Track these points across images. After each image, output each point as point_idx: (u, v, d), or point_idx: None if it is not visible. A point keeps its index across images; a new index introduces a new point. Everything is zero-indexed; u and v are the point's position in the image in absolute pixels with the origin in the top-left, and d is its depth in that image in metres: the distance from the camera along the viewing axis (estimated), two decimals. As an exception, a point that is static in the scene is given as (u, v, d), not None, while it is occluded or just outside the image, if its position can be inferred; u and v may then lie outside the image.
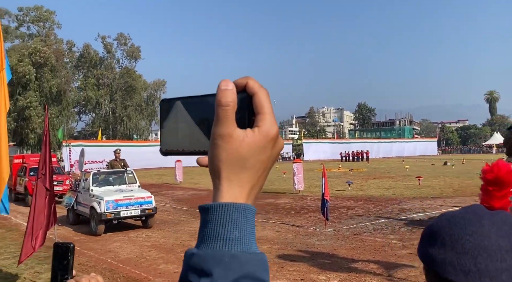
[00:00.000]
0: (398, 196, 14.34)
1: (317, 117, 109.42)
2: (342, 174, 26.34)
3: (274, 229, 9.25)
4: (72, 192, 11.00)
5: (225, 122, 0.46)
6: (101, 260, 7.03)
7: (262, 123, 0.47)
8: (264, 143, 0.47)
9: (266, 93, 0.48)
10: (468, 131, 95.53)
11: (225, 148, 0.46)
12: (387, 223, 9.60)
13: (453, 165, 31.49)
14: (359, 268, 6.19)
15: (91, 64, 56.82)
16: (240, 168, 0.46)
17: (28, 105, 44.39)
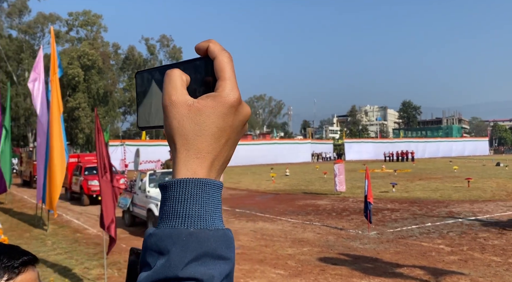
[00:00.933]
0: (445, 198, 13.73)
1: (360, 116, 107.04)
2: (386, 174, 25.60)
3: (315, 231, 9.17)
4: (127, 192, 10.73)
5: (171, 88, 0.44)
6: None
7: (220, 89, 0.44)
8: (222, 109, 0.44)
9: (227, 57, 0.45)
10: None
11: (175, 114, 0.43)
12: (434, 226, 9.23)
13: (506, 166, 29.66)
14: (404, 274, 6.00)
15: (135, 66, 59.08)
16: (195, 136, 0.43)
17: (77, 106, 46.92)
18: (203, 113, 0.43)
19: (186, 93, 0.44)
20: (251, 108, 0.47)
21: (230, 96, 0.44)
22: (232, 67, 0.45)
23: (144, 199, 9.44)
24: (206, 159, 0.43)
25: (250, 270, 6.44)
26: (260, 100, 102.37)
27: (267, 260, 6.96)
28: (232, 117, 0.44)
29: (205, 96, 0.44)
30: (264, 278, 6.05)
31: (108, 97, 51.66)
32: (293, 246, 7.85)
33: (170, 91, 0.44)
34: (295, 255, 7.21)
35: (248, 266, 6.64)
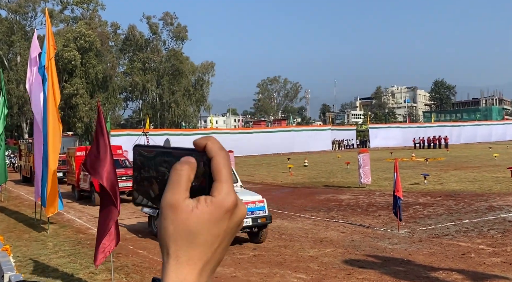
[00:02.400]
0: (485, 190, 13.54)
1: (386, 98, 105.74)
2: (416, 164, 25.34)
3: (339, 230, 9.17)
4: None
5: (176, 189, 0.47)
6: (155, 260, 7.43)
7: (216, 193, 0.47)
8: (218, 215, 0.47)
9: (225, 157, 0.48)
10: None
11: (173, 219, 0.46)
12: (473, 224, 9.13)
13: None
14: (440, 278, 5.97)
15: (136, 47, 59.31)
16: (189, 243, 0.46)
17: (75, 93, 47.49)
18: (200, 221, 0.46)
19: (188, 197, 0.47)
20: (264, 92, 0.48)
21: (226, 200, 0.47)
22: (229, 168, 0.48)
23: None
24: (197, 265, 0.46)
25: (268, 274, 6.49)
26: (274, 82, 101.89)
27: (287, 263, 7.00)
28: (227, 221, 0.47)
29: (202, 200, 0.47)
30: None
31: (108, 83, 52.14)
32: (315, 247, 7.87)
33: (173, 193, 0.47)
34: (317, 257, 7.24)
35: (267, 269, 6.70)
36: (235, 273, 6.64)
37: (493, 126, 62.36)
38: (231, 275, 6.53)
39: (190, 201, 0.47)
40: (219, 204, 0.47)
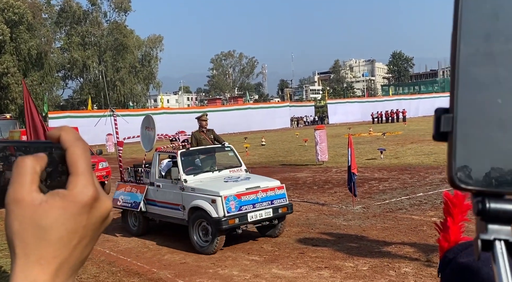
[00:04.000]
0: (440, 163, 14.26)
1: (344, 72, 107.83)
2: (374, 139, 26.23)
3: (294, 209, 9.37)
4: (131, 184, 8.51)
5: (18, 182, 0.44)
6: (99, 251, 7.32)
7: (71, 187, 0.45)
8: (73, 210, 0.44)
9: (81, 148, 0.46)
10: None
11: (17, 214, 0.44)
12: (426, 197, 9.63)
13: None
14: (392, 253, 6.29)
15: (74, 20, 56.63)
16: (39, 240, 0.43)
17: (5, 71, 44.93)
18: (50, 216, 0.43)
19: (35, 190, 0.44)
20: (219, 68, 0.45)
21: (82, 194, 0.45)
22: (86, 159, 0.46)
23: (178, 193, 7.37)
24: (51, 264, 0.43)
25: (220, 258, 6.58)
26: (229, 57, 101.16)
27: (240, 246, 7.12)
28: (86, 216, 0.45)
29: (55, 193, 0.45)
30: (236, 266, 6.21)
31: (43, 60, 49.63)
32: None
33: (15, 187, 0.44)
34: (271, 238, 7.39)
35: (219, 253, 6.78)
36: (185, 259, 6.68)
37: (450, 99, 65.10)
38: (180, 262, 6.57)
39: (39, 194, 0.44)
40: (74, 198, 0.44)
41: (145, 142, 8.83)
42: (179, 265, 6.44)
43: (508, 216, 0.49)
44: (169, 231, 8.27)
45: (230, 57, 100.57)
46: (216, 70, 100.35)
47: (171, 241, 7.69)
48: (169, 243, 7.59)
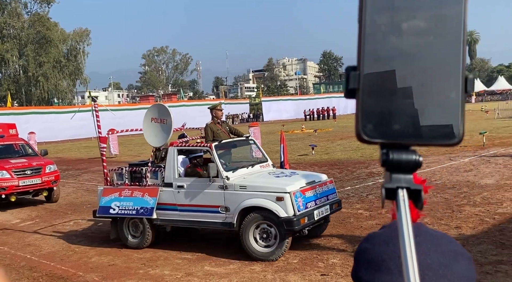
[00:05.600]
0: (367, 158, 14.97)
1: (277, 71, 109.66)
2: (306, 135, 26.97)
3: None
4: (124, 188, 7.15)
5: None
6: (18, 256, 6.90)
7: None
8: None
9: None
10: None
11: None
12: (354, 190, 10.07)
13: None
14: (321, 245, 6.51)
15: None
16: None
17: None
18: None
19: None
20: (151, 64, 0.44)
21: None
22: None
23: (214, 193, 6.36)
24: None
25: (151, 258, 6.46)
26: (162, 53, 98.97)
27: (174, 244, 7.02)
28: None
29: None
30: (167, 266, 6.13)
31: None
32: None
33: None
34: (206, 235, 7.38)
35: (149, 253, 6.65)
36: (113, 261, 6.48)
37: (377, 97, 68.51)
38: (109, 264, 6.36)
39: None
40: None
41: (152, 136, 7.39)
42: (107, 267, 6.23)
43: (410, 166, 0.54)
44: (98, 232, 7.96)
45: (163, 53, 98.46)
46: (148, 67, 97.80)
47: (99, 242, 7.42)
48: (97, 245, 7.31)
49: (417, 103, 0.52)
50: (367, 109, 0.53)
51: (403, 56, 0.52)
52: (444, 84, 0.53)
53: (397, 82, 0.52)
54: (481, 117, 30.88)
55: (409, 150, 0.54)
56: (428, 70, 0.52)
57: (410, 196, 0.55)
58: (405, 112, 0.52)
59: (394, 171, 0.55)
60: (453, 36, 0.52)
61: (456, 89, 0.53)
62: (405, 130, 0.52)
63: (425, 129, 0.52)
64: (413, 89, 0.52)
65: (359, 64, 0.53)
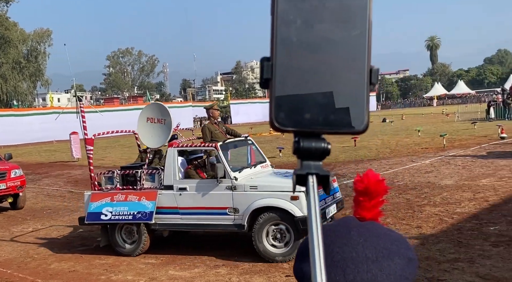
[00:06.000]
0: (332, 160, 15.18)
1: (246, 74, 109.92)
2: (274, 138, 27.13)
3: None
4: (116, 192, 6.74)
5: None
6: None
7: None
8: None
9: None
10: (409, 83, 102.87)
11: None
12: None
13: (391, 122, 33.97)
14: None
15: None
16: None
17: None
18: None
19: None
20: (116, 65, 0.45)
21: None
22: None
23: (222, 194, 6.16)
24: None
25: (114, 264, 6.34)
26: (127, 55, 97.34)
27: (136, 249, 6.91)
28: None
29: None
30: (131, 271, 6.03)
31: None
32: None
33: None
34: (171, 238, 7.30)
35: (112, 259, 6.52)
36: (74, 267, 6.32)
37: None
38: (69, 270, 6.20)
39: None
40: None
41: (148, 137, 7.12)
42: (67, 273, 6.07)
43: (319, 153, 0.56)
44: (58, 237, 7.74)
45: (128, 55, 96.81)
46: (113, 68, 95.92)
47: (59, 249, 7.22)
48: (57, 251, 7.11)
49: (327, 93, 0.55)
50: (280, 98, 0.55)
51: (313, 47, 0.54)
52: (350, 75, 0.55)
53: (308, 72, 0.55)
54: (442, 120, 31.96)
55: (319, 138, 0.57)
56: (336, 60, 0.55)
57: (319, 181, 0.58)
58: (315, 102, 0.55)
59: (305, 158, 0.57)
60: (359, 28, 0.55)
61: (361, 80, 0.55)
62: (315, 119, 0.55)
63: (334, 118, 0.55)
64: (324, 79, 0.55)
65: (272, 55, 0.55)
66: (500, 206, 7.41)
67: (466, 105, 46.62)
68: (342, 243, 0.73)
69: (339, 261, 0.72)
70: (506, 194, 8.15)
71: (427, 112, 46.43)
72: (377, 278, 0.71)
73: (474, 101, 58.30)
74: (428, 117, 37.07)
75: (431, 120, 32.51)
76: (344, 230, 0.76)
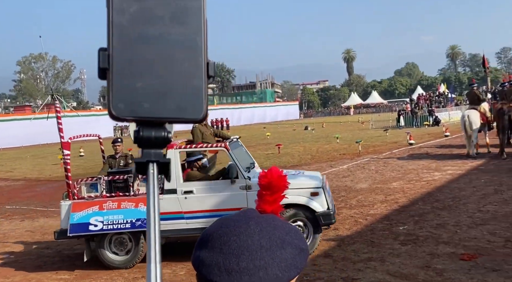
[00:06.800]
0: (256, 167, 15.40)
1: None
2: (198, 146, 26.93)
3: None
4: (105, 200, 6.14)
5: None
6: None
7: None
8: None
9: None
10: (328, 93, 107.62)
11: None
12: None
13: (313, 129, 35.28)
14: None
15: None
16: None
17: None
18: None
19: None
20: (28, 71, 0.46)
21: None
22: None
23: (235, 195, 5.97)
24: None
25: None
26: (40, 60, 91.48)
27: (47, 265, 6.50)
28: None
29: None
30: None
31: None
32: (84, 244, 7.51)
33: None
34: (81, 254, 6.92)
35: (18, 277, 6.05)
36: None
37: (267, 108, 71.56)
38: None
39: None
40: None
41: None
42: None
43: (159, 141, 0.58)
44: None
45: (41, 60, 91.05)
46: (24, 74, 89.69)
47: None
48: None
49: (166, 84, 0.57)
50: (118, 88, 0.56)
51: (150, 39, 0.56)
52: (189, 68, 0.58)
53: (146, 63, 0.56)
54: (358, 127, 33.77)
55: (159, 127, 0.58)
56: (174, 53, 0.57)
57: (160, 169, 0.59)
58: (154, 92, 0.56)
59: (145, 146, 0.58)
60: (195, 25, 0.58)
61: (199, 72, 0.58)
62: (155, 108, 0.56)
63: (174, 107, 0.57)
64: (162, 70, 0.57)
65: (109, 45, 0.56)
66: (409, 207, 7.98)
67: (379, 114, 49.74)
68: (240, 232, 0.77)
69: (235, 249, 0.75)
70: (414, 196, 8.79)
71: (345, 120, 48.84)
72: (269, 266, 0.75)
73: (387, 110, 62.36)
74: (346, 125, 39.00)
75: (349, 128, 34.25)
76: (243, 220, 0.79)
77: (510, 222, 6.49)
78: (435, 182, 10.05)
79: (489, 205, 7.59)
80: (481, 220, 6.74)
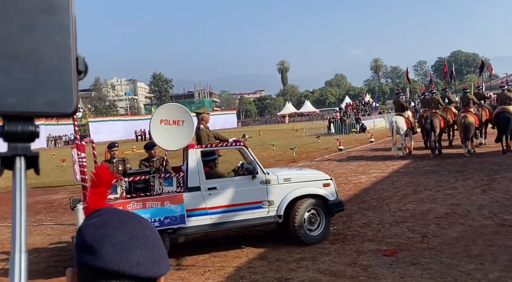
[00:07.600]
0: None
1: (106, 91, 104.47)
2: (137, 155, 26.17)
3: (45, 233, 8.52)
4: (130, 200, 5.95)
5: None
6: None
7: None
8: None
9: None
10: (265, 102, 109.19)
11: None
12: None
13: (250, 137, 35.54)
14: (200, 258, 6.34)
15: None
16: None
17: None
18: None
19: None
20: None
21: None
22: None
23: (256, 189, 6.26)
24: None
25: None
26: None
27: None
28: None
29: None
30: None
31: None
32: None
33: None
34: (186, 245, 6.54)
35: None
36: None
37: (206, 117, 70.87)
38: None
39: None
40: None
41: (164, 140, 6.40)
42: None
43: (26, 135, 0.57)
44: None
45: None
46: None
47: None
48: None
49: (34, 79, 0.56)
50: None
51: (18, 35, 0.55)
52: (59, 63, 0.58)
53: (11, 57, 0.55)
54: (293, 135, 34.59)
55: (27, 121, 0.58)
56: (44, 48, 0.57)
57: (28, 163, 0.59)
58: (21, 86, 0.55)
59: (12, 141, 0.58)
60: (63, 21, 0.58)
61: (69, 68, 0.58)
62: (21, 102, 0.55)
63: (43, 101, 0.57)
64: (30, 64, 0.56)
65: None
66: (338, 208, 8.27)
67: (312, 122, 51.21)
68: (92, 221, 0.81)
69: (93, 230, 0.78)
70: (343, 198, 9.05)
71: (281, 128, 49.80)
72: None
73: (319, 118, 64.48)
74: (282, 133, 39.78)
75: (284, 136, 34.97)
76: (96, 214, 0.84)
77: (426, 219, 6.95)
78: (362, 184, 10.53)
79: (409, 204, 8.08)
80: (401, 218, 7.16)
